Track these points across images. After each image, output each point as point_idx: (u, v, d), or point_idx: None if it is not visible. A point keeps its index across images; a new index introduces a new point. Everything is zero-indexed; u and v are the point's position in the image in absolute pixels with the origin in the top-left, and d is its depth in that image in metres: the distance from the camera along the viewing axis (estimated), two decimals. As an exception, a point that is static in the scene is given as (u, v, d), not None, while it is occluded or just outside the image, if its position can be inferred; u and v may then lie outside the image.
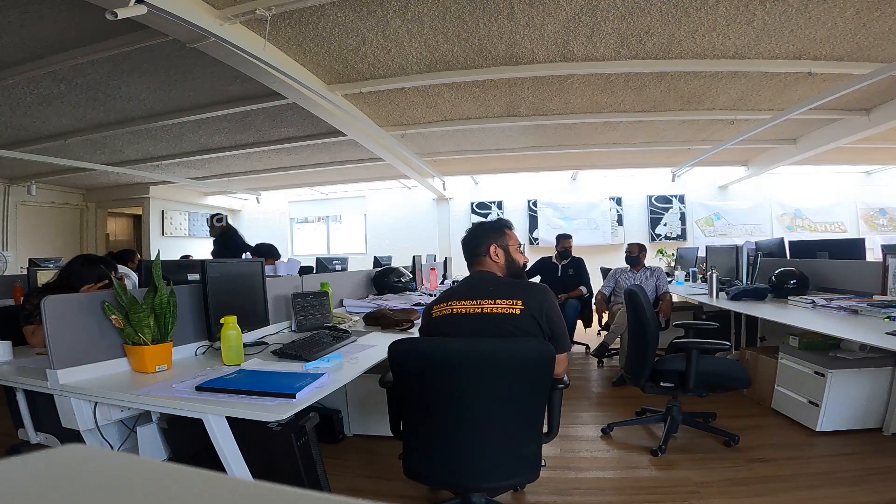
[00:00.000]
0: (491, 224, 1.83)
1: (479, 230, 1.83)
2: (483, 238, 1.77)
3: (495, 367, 1.44)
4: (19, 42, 3.09)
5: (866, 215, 8.54)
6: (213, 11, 2.69)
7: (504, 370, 1.44)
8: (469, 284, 1.70)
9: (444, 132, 5.60)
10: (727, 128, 5.53)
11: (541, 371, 1.47)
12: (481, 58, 3.66)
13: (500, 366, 1.44)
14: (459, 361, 1.44)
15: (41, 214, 7.89)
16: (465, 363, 1.44)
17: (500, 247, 1.76)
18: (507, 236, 1.77)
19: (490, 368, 1.44)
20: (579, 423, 2.96)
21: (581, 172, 8.57)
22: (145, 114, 4.65)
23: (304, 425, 1.73)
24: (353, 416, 2.71)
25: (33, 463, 0.28)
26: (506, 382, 1.45)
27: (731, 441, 2.47)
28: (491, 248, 1.75)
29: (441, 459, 1.51)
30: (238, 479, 0.29)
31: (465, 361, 1.44)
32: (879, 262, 3.10)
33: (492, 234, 1.77)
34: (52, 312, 1.55)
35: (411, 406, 1.57)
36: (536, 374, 1.47)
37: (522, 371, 1.45)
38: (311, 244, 9.88)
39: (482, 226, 1.86)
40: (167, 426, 1.73)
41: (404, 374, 1.54)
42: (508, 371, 1.44)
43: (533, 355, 1.45)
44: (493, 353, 1.44)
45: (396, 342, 1.53)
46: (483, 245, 1.76)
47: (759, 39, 3.41)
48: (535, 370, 1.46)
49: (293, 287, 2.91)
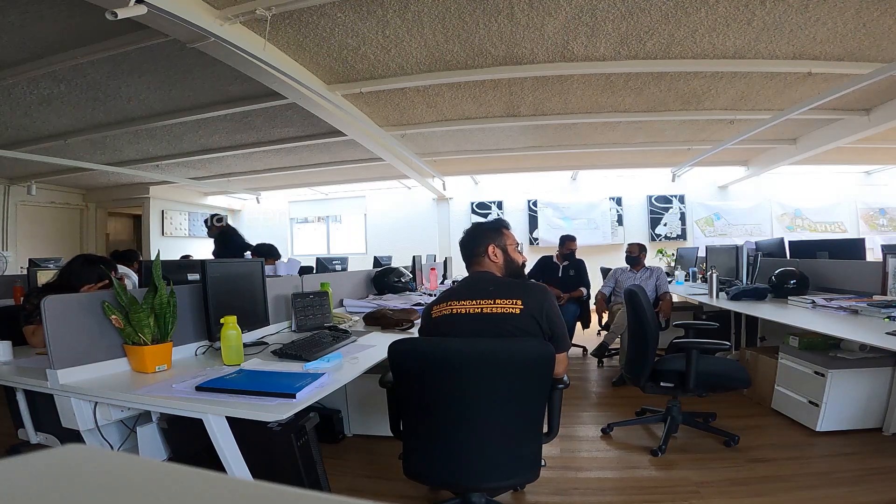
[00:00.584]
0: (489, 224, 1.83)
1: (476, 231, 1.83)
2: (481, 238, 1.77)
3: (495, 367, 1.44)
4: (19, 42, 3.09)
5: (866, 215, 8.54)
6: (213, 11, 2.69)
7: (504, 370, 1.44)
8: (468, 284, 1.70)
9: (444, 132, 5.60)
10: (727, 128, 5.53)
11: (541, 371, 1.47)
12: (481, 58, 3.66)
13: (500, 366, 1.44)
14: (459, 361, 1.44)
15: (41, 214, 7.89)
16: (465, 363, 1.44)
17: (499, 247, 1.76)
18: (504, 236, 1.77)
19: (490, 368, 1.44)
20: (579, 423, 2.96)
21: (581, 172, 8.57)
22: (145, 114, 4.65)
23: (304, 425, 1.73)
24: (353, 416, 2.71)
25: (33, 463, 0.28)
26: (506, 382, 1.45)
27: (731, 441, 2.47)
28: (489, 249, 1.75)
29: (441, 459, 1.51)
30: (238, 479, 0.29)
31: (465, 361, 1.44)
32: (879, 262, 3.10)
33: (490, 235, 1.77)
34: (52, 312, 1.55)
35: (411, 406, 1.57)
36: (536, 374, 1.47)
37: (522, 371, 1.45)
38: (311, 244, 9.88)
39: (480, 226, 1.86)
40: (167, 426, 1.73)
41: (404, 374, 1.54)
42: (508, 371, 1.44)
43: (533, 355, 1.45)
44: (493, 352, 1.44)
45: (396, 342, 1.53)
46: (481, 245, 1.76)
47: (758, 39, 3.41)
48: (535, 370, 1.46)
49: (293, 287, 2.91)
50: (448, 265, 6.25)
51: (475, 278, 1.73)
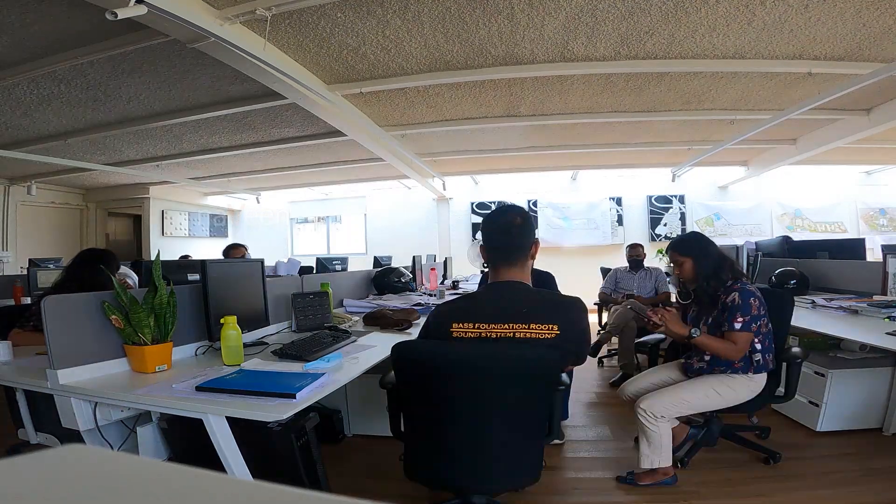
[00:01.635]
0: (528, 211, 1.48)
1: (526, 220, 1.42)
2: (530, 232, 1.41)
3: (502, 372, 1.38)
4: (19, 42, 3.08)
5: (866, 215, 8.54)
6: (213, 11, 2.69)
7: (510, 376, 1.38)
8: (496, 301, 1.40)
9: (444, 132, 5.59)
10: (727, 128, 5.53)
11: (547, 377, 1.41)
12: (481, 58, 3.66)
13: (507, 372, 1.38)
14: (467, 367, 1.38)
15: (41, 214, 7.89)
16: (472, 369, 1.38)
17: (536, 246, 1.45)
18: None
19: (496, 374, 1.38)
20: (579, 424, 2.96)
21: (581, 172, 8.57)
22: (145, 114, 4.65)
23: (304, 425, 1.73)
24: (353, 416, 2.71)
25: (33, 463, 0.28)
26: (511, 387, 1.40)
27: (772, 458, 2.27)
28: (534, 248, 1.43)
29: (443, 462, 1.48)
30: (238, 479, 0.29)
31: (472, 367, 1.38)
32: (879, 262, 3.10)
33: (533, 228, 1.42)
34: (52, 312, 1.55)
35: (413, 409, 1.53)
36: (542, 381, 1.42)
37: (528, 377, 1.40)
38: (311, 244, 9.88)
39: (527, 215, 1.45)
40: (167, 426, 1.73)
41: (409, 377, 1.48)
42: (514, 377, 1.39)
43: (540, 362, 1.38)
44: (501, 359, 1.37)
45: (402, 346, 1.45)
46: (528, 241, 1.41)
47: (759, 39, 3.41)
48: (541, 377, 1.41)
49: (293, 287, 2.91)
50: (448, 265, 6.25)
51: (505, 292, 1.41)
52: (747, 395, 2.06)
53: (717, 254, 2.18)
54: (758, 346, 2.04)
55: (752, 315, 1.98)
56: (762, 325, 2.04)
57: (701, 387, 2.06)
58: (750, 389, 2.06)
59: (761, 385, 2.08)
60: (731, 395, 2.04)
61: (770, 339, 2.09)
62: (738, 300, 2.00)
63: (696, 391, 2.05)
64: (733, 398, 2.05)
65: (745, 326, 1.98)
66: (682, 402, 2.03)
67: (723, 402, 2.05)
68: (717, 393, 2.04)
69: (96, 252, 2.50)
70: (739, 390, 2.05)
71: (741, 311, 1.98)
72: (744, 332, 1.98)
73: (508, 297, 1.39)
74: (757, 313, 2.00)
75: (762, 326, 2.04)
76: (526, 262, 1.42)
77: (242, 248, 4.32)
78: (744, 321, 1.98)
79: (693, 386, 2.07)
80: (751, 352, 2.04)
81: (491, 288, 1.45)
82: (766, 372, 2.08)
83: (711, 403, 2.06)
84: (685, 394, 2.04)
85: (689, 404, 2.05)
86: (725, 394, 2.04)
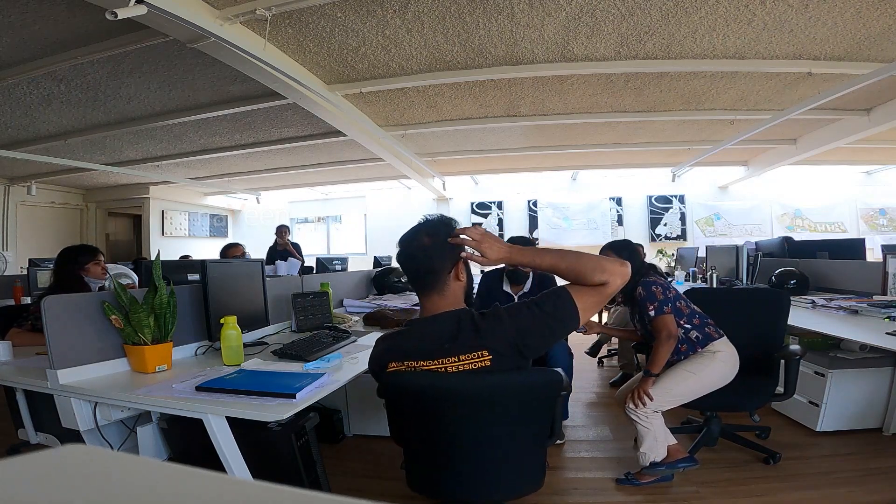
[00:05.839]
0: (444, 223, 1.24)
1: (437, 237, 1.21)
2: (444, 251, 1.20)
3: (498, 400, 1.28)
4: (19, 42, 3.09)
5: (866, 215, 8.54)
6: (213, 11, 2.69)
7: (508, 402, 1.29)
8: (420, 338, 1.23)
9: (444, 132, 5.60)
10: (727, 128, 5.53)
11: (550, 395, 1.34)
12: (481, 58, 3.66)
13: (505, 399, 1.28)
14: (457, 397, 1.25)
15: (41, 214, 7.89)
16: (464, 399, 1.26)
17: (463, 262, 1.24)
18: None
19: (493, 401, 1.28)
20: (579, 424, 2.96)
21: (581, 172, 8.57)
22: (145, 114, 4.65)
23: (304, 425, 1.73)
24: (353, 416, 2.71)
25: (33, 463, 0.28)
26: (511, 410, 1.31)
27: (772, 458, 2.28)
28: (457, 267, 1.22)
29: (444, 475, 1.40)
30: (238, 479, 0.29)
31: (463, 397, 1.26)
32: (879, 262, 3.10)
33: (450, 244, 1.20)
34: (52, 312, 1.55)
35: (409, 431, 1.41)
36: (545, 399, 1.35)
37: (529, 399, 1.32)
38: (311, 244, 9.87)
39: (436, 229, 1.23)
40: (167, 426, 1.73)
41: (402, 407, 1.35)
42: (512, 402, 1.29)
43: (540, 385, 1.31)
44: (494, 388, 1.26)
45: (390, 375, 1.27)
46: (444, 261, 1.21)
47: (758, 39, 3.41)
48: (544, 398, 1.34)
49: (293, 287, 2.91)
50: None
51: (423, 327, 1.24)
52: (726, 369, 2.11)
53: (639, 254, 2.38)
54: (687, 325, 2.17)
55: (660, 300, 2.13)
56: (681, 307, 2.20)
57: (674, 372, 2.13)
58: (722, 361, 2.11)
59: (730, 354, 2.14)
60: (707, 372, 2.09)
61: (699, 315, 2.21)
62: (642, 292, 2.18)
63: (673, 377, 2.11)
64: (711, 374, 2.10)
65: (658, 311, 2.12)
66: (665, 392, 2.08)
67: (701, 380, 2.09)
68: (691, 372, 2.10)
69: (73, 250, 2.49)
70: (713, 366, 2.10)
71: (649, 300, 2.14)
72: (659, 317, 2.11)
73: (430, 332, 1.22)
74: (664, 297, 2.14)
75: (682, 308, 2.20)
76: (448, 286, 1.22)
77: (240, 248, 4.34)
78: (655, 307, 2.13)
79: (668, 374, 2.13)
80: (685, 332, 2.17)
81: (414, 324, 1.28)
82: (716, 340, 2.15)
83: (693, 386, 2.09)
84: (664, 382, 2.10)
85: (672, 391, 2.09)
86: (699, 371, 2.09)
